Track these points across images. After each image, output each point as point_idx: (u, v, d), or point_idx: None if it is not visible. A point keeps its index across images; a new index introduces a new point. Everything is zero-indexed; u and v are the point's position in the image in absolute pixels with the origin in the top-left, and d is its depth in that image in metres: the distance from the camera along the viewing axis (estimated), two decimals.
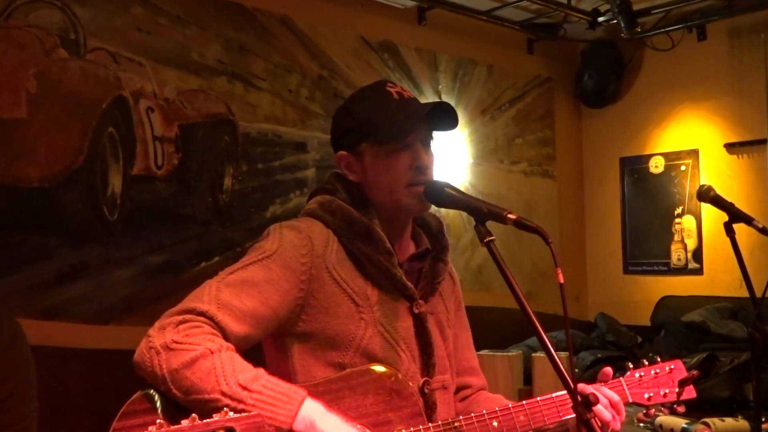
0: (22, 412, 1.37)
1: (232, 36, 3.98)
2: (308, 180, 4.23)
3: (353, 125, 1.66)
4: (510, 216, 1.45)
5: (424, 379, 1.63)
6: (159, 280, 3.61)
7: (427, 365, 1.65)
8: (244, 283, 1.49)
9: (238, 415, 0.97)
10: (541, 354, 4.23)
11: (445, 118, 1.67)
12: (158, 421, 0.95)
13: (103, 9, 3.51)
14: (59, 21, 3.37)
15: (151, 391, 1.40)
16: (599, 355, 4.61)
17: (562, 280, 1.35)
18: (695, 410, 3.23)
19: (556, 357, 1.36)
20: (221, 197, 3.90)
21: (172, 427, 0.94)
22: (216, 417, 0.96)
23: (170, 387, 1.36)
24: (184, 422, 0.95)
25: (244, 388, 1.36)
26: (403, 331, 1.63)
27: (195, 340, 1.39)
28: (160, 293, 3.55)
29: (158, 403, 1.39)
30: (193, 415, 0.96)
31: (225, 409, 0.98)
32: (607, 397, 1.67)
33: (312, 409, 1.38)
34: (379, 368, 1.55)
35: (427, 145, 1.67)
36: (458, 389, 1.79)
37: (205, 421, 0.95)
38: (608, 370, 1.76)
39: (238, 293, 1.48)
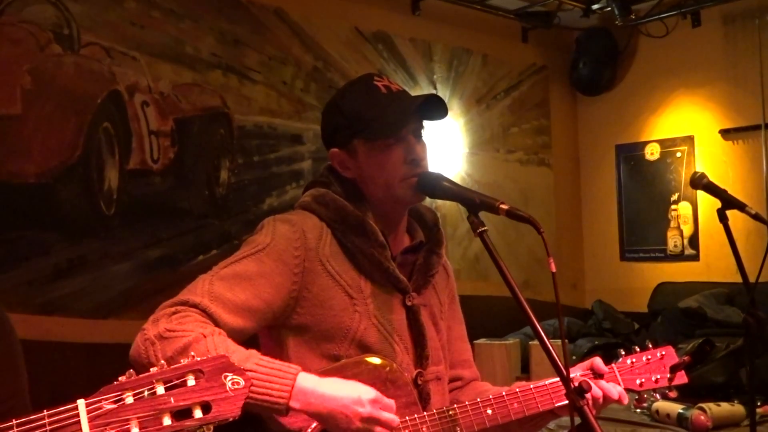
0: (9, 391, 1.37)
1: (226, 29, 3.98)
2: (304, 172, 4.24)
3: (343, 122, 1.65)
4: (502, 206, 1.46)
5: (418, 370, 1.65)
6: (157, 273, 3.62)
7: (421, 357, 1.66)
8: (237, 276, 1.51)
9: (204, 357, 1.00)
10: (538, 342, 4.25)
11: (435, 108, 1.67)
12: (129, 371, 0.97)
13: (96, 4, 3.51)
14: (52, 16, 3.37)
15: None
16: (596, 342, 4.64)
17: (554, 269, 1.36)
18: (691, 395, 3.27)
19: (549, 344, 1.38)
20: (217, 190, 3.91)
21: (142, 375, 0.96)
22: (183, 361, 0.98)
23: None
24: (153, 369, 0.97)
25: None
26: (397, 324, 1.64)
27: (187, 327, 1.41)
28: (157, 287, 3.56)
29: None
30: (162, 361, 0.98)
31: (192, 353, 1.01)
32: (604, 390, 1.69)
33: (307, 381, 1.40)
34: (374, 359, 1.56)
35: (419, 136, 1.67)
36: (450, 381, 1.80)
37: (173, 366, 0.97)
38: (598, 362, 1.77)
39: (231, 286, 1.49)
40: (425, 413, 1.55)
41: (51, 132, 3.32)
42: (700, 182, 2.37)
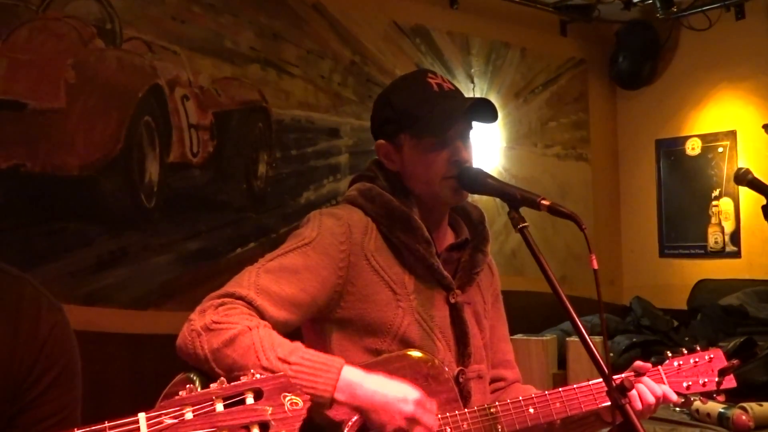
0: (61, 403, 1.39)
1: (265, 23, 4.00)
2: (341, 166, 4.25)
3: (392, 116, 1.66)
4: (544, 202, 1.46)
5: (460, 368, 1.64)
6: (196, 266, 3.66)
7: (463, 355, 1.66)
8: (284, 269, 1.52)
9: (264, 375, 1.00)
10: (575, 338, 4.22)
11: (485, 110, 1.66)
12: (188, 386, 0.98)
13: None
14: (96, 11, 3.41)
15: (193, 373, 1.43)
16: (634, 339, 4.58)
17: (596, 266, 1.35)
18: (732, 395, 3.21)
19: (590, 342, 1.37)
20: (256, 184, 3.94)
21: (202, 390, 0.98)
22: (243, 379, 0.99)
23: (213, 366, 1.40)
24: (213, 385, 0.98)
25: (284, 361, 1.38)
26: (439, 320, 1.64)
27: (233, 320, 1.42)
28: (197, 279, 3.60)
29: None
30: (222, 378, 0.99)
31: (252, 371, 1.02)
32: (651, 389, 1.67)
33: (352, 374, 1.40)
34: (416, 353, 1.56)
35: (465, 138, 1.66)
36: (491, 381, 1.80)
37: (233, 383, 0.98)
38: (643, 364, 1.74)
39: (276, 279, 1.50)
40: (466, 410, 1.54)
41: (94, 125, 3.37)
42: (744, 178, 2.33)
